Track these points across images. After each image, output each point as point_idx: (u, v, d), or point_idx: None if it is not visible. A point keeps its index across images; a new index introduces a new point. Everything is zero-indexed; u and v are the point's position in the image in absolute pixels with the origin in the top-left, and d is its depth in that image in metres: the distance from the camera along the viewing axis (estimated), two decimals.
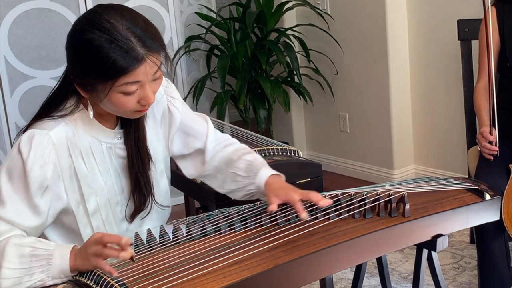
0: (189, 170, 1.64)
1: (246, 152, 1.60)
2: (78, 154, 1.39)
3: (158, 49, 1.31)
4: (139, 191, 1.47)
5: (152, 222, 1.53)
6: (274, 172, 1.51)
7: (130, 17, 1.30)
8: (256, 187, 1.52)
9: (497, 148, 2.02)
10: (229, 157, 1.59)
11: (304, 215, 1.37)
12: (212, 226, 1.38)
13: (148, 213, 1.50)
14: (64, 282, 1.24)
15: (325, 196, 1.47)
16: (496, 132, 2.02)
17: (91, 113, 1.37)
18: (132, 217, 1.48)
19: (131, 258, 1.22)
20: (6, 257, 1.24)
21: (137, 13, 1.33)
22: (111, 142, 1.44)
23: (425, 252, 1.59)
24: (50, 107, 1.40)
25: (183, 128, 1.58)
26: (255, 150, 2.00)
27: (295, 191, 1.43)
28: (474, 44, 2.40)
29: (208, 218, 1.42)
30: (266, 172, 1.51)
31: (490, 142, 2.03)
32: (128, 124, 1.45)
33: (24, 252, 1.25)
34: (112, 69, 1.26)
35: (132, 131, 1.45)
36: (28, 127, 1.38)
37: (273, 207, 1.39)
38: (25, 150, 1.32)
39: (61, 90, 1.40)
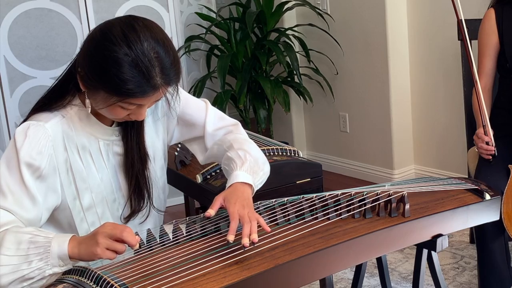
0: (198, 156, 1.63)
1: (235, 147, 1.50)
2: (74, 148, 1.39)
3: (175, 83, 1.33)
4: (139, 192, 1.46)
5: (146, 225, 1.52)
6: (244, 180, 1.41)
7: (164, 44, 1.29)
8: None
9: (493, 148, 2.02)
10: (223, 148, 1.54)
11: (231, 238, 1.26)
12: (212, 226, 1.38)
13: (147, 217, 1.50)
14: (64, 282, 1.24)
15: (324, 197, 1.47)
16: (491, 131, 2.02)
17: (89, 107, 1.36)
18: (127, 218, 1.48)
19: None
20: (4, 244, 1.24)
21: (171, 42, 1.32)
22: (109, 139, 1.44)
23: (425, 252, 1.59)
24: (50, 100, 1.39)
25: (182, 117, 1.56)
26: None
27: (241, 207, 1.33)
28: (474, 44, 2.40)
29: (208, 218, 1.41)
30: (236, 177, 1.42)
31: (487, 143, 2.03)
32: (126, 121, 1.44)
33: (22, 239, 1.24)
34: (125, 90, 1.26)
35: (130, 128, 1.45)
36: (25, 120, 1.38)
37: (210, 212, 1.33)
38: (19, 140, 1.33)
39: (63, 84, 1.39)
